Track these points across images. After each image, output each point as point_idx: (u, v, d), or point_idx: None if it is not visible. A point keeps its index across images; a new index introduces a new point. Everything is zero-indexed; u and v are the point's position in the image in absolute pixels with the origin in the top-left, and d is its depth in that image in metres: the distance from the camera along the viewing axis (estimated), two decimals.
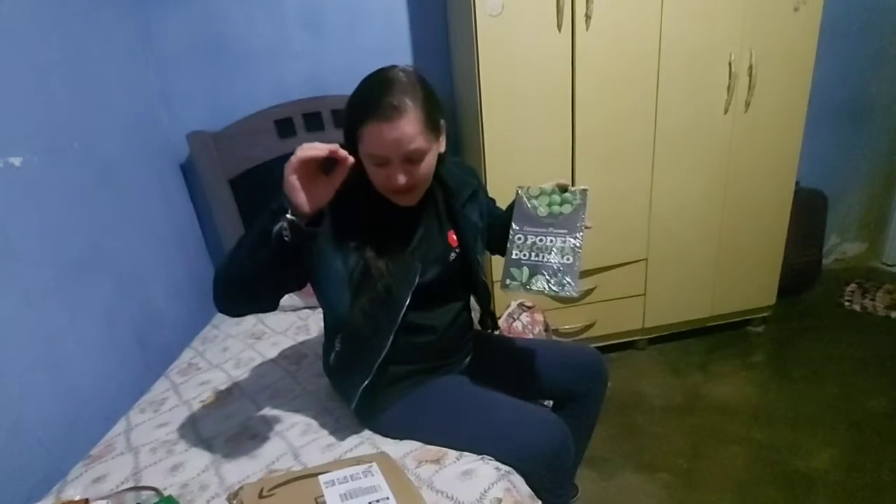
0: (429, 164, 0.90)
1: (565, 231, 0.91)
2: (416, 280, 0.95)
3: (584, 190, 0.93)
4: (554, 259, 0.90)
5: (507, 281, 0.92)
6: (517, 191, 0.97)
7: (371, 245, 0.91)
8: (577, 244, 0.90)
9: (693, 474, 1.46)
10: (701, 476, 1.46)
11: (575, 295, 0.89)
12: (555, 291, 0.89)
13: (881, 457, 1.45)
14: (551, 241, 0.91)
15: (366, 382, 0.96)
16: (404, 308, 0.94)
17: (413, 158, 0.86)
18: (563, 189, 0.95)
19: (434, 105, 0.88)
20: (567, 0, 1.55)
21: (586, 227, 0.93)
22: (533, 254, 0.91)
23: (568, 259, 0.90)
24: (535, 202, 0.94)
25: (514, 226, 0.94)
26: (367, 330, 0.94)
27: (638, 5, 1.59)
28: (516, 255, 0.92)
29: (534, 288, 0.90)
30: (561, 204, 0.93)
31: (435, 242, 1.01)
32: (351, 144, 0.87)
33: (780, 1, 1.66)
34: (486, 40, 1.56)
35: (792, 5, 1.67)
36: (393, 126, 0.81)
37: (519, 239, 0.93)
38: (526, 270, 0.91)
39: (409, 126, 0.82)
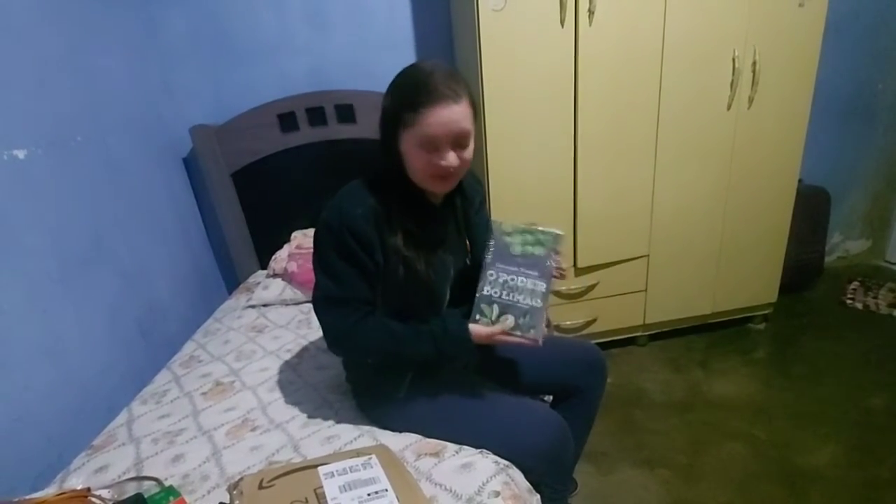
0: (471, 150, 0.91)
1: (536, 274, 0.92)
2: (452, 273, 0.98)
3: (558, 235, 0.94)
4: (524, 300, 0.91)
5: (477, 316, 0.92)
6: (493, 224, 0.96)
7: (408, 244, 0.92)
8: (546, 289, 0.91)
9: (692, 470, 1.47)
10: (700, 472, 1.46)
11: (539, 340, 0.90)
12: (523, 332, 0.91)
13: (882, 454, 1.45)
14: (522, 281, 0.92)
15: (410, 375, 0.99)
16: (446, 301, 0.98)
17: (462, 142, 0.88)
18: (538, 230, 0.96)
19: (475, 100, 0.92)
20: None
21: (562, 271, 0.95)
22: (504, 292, 0.92)
23: (536, 302, 0.91)
24: (508, 239, 0.94)
25: (487, 259, 0.94)
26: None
27: (641, 1, 1.58)
28: (488, 291, 0.92)
29: (502, 326, 0.91)
30: (534, 244, 0.94)
31: (455, 244, 1.03)
32: (392, 134, 0.89)
33: None
34: (489, 35, 1.55)
35: (797, 1, 1.66)
36: (453, 108, 0.84)
37: (491, 276, 0.93)
38: (496, 308, 0.91)
39: (464, 108, 0.86)
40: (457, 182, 0.94)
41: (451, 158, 0.87)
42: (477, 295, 0.93)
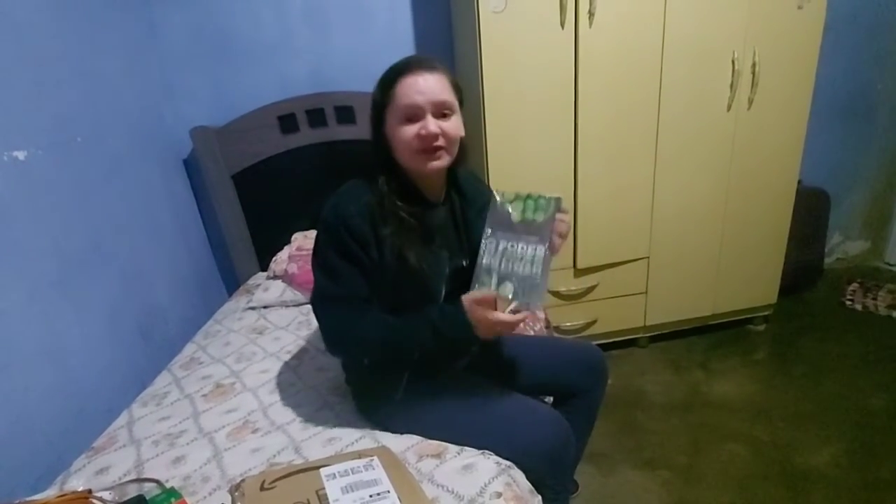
0: (456, 126, 0.92)
1: (536, 239, 0.90)
2: (447, 270, 0.97)
3: (558, 198, 0.92)
4: (523, 269, 0.89)
5: (476, 286, 0.91)
6: (493, 193, 0.95)
7: (399, 235, 0.92)
8: (545, 254, 0.90)
9: (693, 471, 1.47)
10: (701, 473, 1.46)
11: (540, 305, 0.88)
12: (524, 301, 0.88)
13: (881, 455, 1.45)
14: (522, 248, 0.90)
15: (406, 375, 0.98)
16: (440, 299, 0.97)
17: (444, 112, 0.90)
18: (537, 195, 0.94)
19: (456, 81, 0.93)
20: None
21: (565, 228, 0.93)
22: (503, 261, 0.91)
23: (536, 269, 0.89)
24: (509, 207, 0.93)
25: (487, 229, 0.93)
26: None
27: (641, 3, 1.59)
28: (487, 261, 0.91)
29: (501, 294, 0.90)
30: (534, 211, 0.92)
31: (452, 243, 1.03)
32: (379, 122, 0.93)
33: None
34: (489, 37, 1.56)
35: (796, 3, 1.66)
36: (426, 76, 0.88)
37: (491, 244, 0.92)
38: (495, 278, 0.90)
39: (440, 80, 0.89)
40: (447, 160, 0.93)
41: (431, 125, 0.87)
42: (476, 266, 0.92)
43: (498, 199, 0.94)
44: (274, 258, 1.87)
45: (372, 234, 0.90)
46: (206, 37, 1.88)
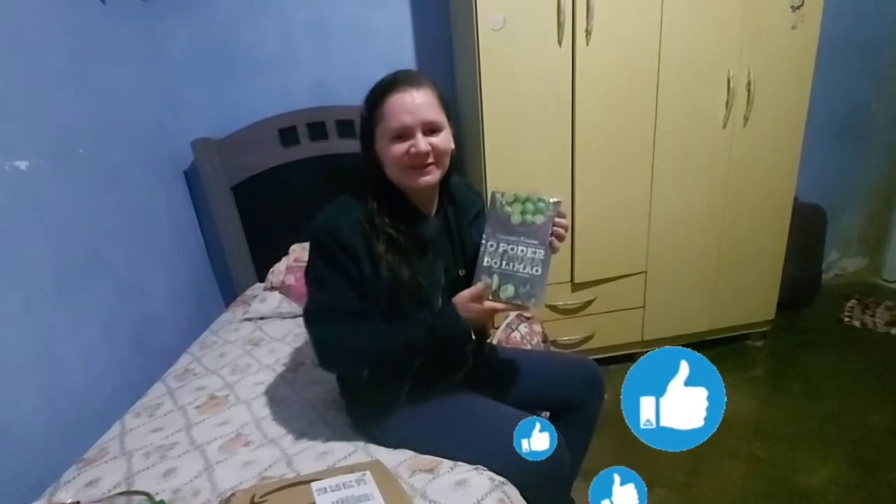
0: (446, 140, 0.93)
1: (536, 242, 0.91)
2: (443, 281, 0.98)
3: (558, 202, 0.94)
4: (524, 269, 0.91)
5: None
6: (493, 195, 0.96)
7: (396, 257, 0.93)
8: (545, 256, 0.91)
9: (691, 489, 1.45)
10: (699, 491, 1.44)
11: (541, 304, 0.90)
12: (524, 301, 0.90)
13: (880, 473, 1.44)
14: (522, 250, 0.92)
15: (408, 387, 0.98)
16: (437, 310, 0.97)
17: (433, 128, 0.91)
18: (537, 198, 0.95)
19: (442, 94, 0.95)
20: (568, 15, 1.57)
21: (563, 232, 0.94)
22: (504, 262, 0.92)
23: (536, 270, 0.91)
24: (508, 209, 0.94)
25: (486, 230, 0.94)
26: None
27: (638, 21, 1.62)
28: (487, 262, 0.93)
29: (503, 296, 0.91)
30: (534, 213, 0.93)
31: (448, 256, 1.03)
32: (369, 140, 0.95)
33: (777, 19, 1.69)
34: (488, 54, 1.58)
35: (790, 23, 1.69)
36: (413, 94, 0.89)
37: (491, 246, 0.93)
38: (497, 278, 0.91)
39: (427, 96, 0.90)
40: (437, 174, 0.94)
41: (421, 143, 0.89)
42: (477, 266, 0.93)
43: (497, 200, 0.95)
44: (272, 269, 1.87)
45: (364, 248, 0.90)
46: (210, 50, 1.91)
